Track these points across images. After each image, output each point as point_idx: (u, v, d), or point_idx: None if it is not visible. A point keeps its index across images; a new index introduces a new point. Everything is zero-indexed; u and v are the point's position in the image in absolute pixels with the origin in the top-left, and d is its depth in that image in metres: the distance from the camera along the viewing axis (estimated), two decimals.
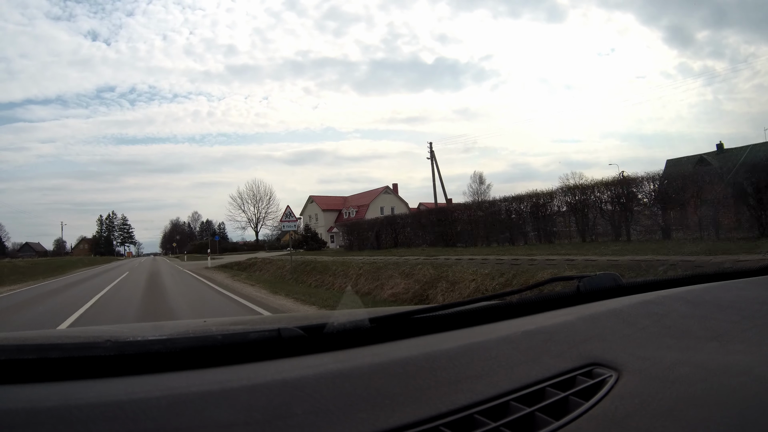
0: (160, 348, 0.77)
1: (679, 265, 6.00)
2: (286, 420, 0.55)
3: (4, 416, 0.54)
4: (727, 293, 1.13)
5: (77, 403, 0.57)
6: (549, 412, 0.62)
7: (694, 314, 0.97)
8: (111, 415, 0.55)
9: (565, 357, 0.76)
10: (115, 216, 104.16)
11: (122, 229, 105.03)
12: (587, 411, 0.62)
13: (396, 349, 0.81)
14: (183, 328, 1.17)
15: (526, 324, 0.93)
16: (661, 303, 1.04)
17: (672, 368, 0.70)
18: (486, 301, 1.04)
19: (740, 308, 0.99)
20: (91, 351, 0.76)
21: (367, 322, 0.84)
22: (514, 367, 0.73)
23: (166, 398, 0.59)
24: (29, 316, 8.76)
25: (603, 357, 0.75)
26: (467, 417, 0.59)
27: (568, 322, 0.93)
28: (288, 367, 0.70)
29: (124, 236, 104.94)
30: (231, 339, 0.86)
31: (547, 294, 1.10)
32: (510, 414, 0.61)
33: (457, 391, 0.64)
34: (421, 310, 0.93)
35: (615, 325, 0.91)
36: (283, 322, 0.95)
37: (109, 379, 0.66)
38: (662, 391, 0.64)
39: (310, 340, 0.79)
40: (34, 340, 0.97)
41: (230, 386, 0.62)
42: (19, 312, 9.57)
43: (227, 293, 11.33)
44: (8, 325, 7.85)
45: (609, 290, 1.12)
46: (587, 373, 0.71)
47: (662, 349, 0.78)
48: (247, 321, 1.36)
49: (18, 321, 8.19)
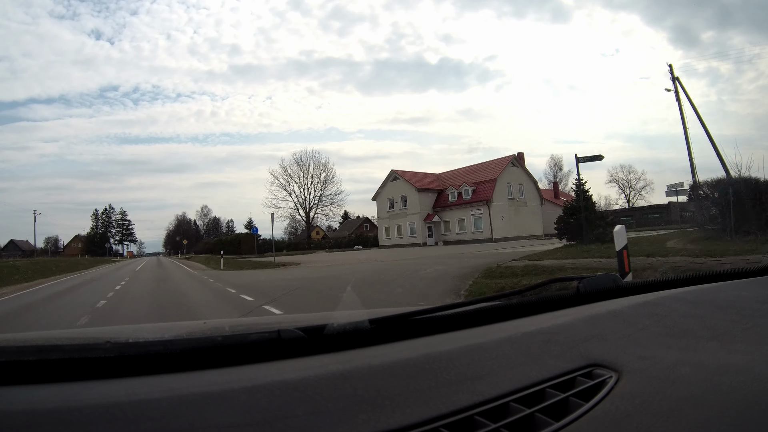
0: (160, 349, 0.77)
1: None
2: (286, 421, 0.55)
3: (5, 417, 0.54)
4: (726, 293, 1.13)
5: (77, 405, 0.57)
6: (549, 413, 0.62)
7: (694, 314, 0.97)
8: (111, 417, 0.55)
9: (565, 358, 0.76)
10: (112, 210, 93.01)
11: (121, 225, 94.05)
12: (587, 412, 0.62)
13: (396, 350, 0.81)
14: (183, 330, 1.17)
15: (526, 325, 0.93)
16: (661, 303, 1.05)
17: (672, 368, 0.70)
18: (486, 302, 1.04)
19: (740, 308, 0.99)
20: (91, 352, 0.76)
21: (367, 324, 0.84)
22: (514, 368, 0.73)
23: (166, 399, 0.59)
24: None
25: (603, 358, 0.75)
26: (467, 418, 0.59)
27: (568, 323, 0.93)
28: (288, 369, 0.70)
29: (123, 233, 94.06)
30: (231, 340, 0.86)
31: (547, 295, 1.10)
32: (510, 415, 0.61)
33: (458, 392, 0.64)
34: (421, 311, 0.93)
35: (615, 325, 0.91)
36: (283, 324, 0.95)
37: (109, 381, 0.66)
38: (662, 392, 0.64)
39: (310, 341, 0.79)
40: (34, 342, 0.97)
41: (230, 387, 0.62)
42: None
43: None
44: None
45: (609, 291, 1.12)
46: (587, 374, 0.71)
47: (662, 349, 0.78)
48: (248, 322, 1.36)
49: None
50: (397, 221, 43.83)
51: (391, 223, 44.74)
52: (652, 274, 6.87)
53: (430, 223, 41.65)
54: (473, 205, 38.74)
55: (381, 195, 46.49)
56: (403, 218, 43.38)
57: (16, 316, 8.99)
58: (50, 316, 8.60)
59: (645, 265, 7.59)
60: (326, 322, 0.83)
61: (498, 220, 37.19)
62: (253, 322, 1.46)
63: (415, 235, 41.53)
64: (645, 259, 8.30)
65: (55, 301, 11.41)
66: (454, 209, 40.60)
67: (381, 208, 46.45)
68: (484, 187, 39.03)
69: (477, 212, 38.49)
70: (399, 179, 43.99)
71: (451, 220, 40.67)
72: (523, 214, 39.35)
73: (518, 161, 41.19)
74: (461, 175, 43.02)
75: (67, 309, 9.49)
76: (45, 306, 10.44)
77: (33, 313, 9.26)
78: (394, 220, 44.21)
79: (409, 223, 42.71)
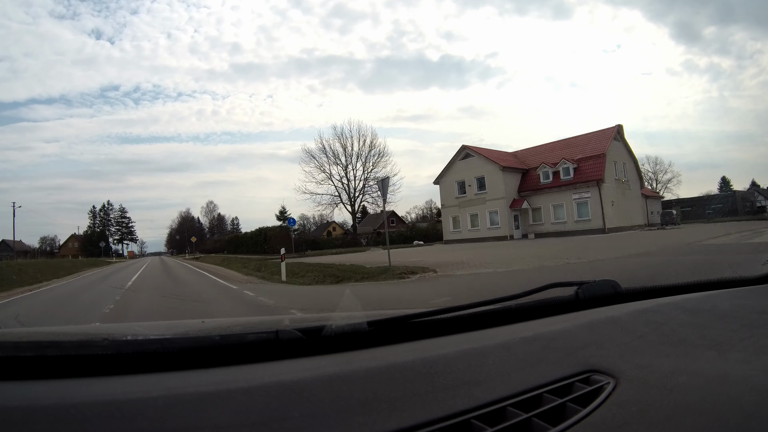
0: (158, 348, 0.77)
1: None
2: (282, 422, 0.55)
3: (2, 413, 0.54)
4: (725, 302, 1.13)
5: (74, 402, 0.57)
6: (546, 419, 0.62)
7: (692, 322, 0.97)
8: (107, 414, 0.55)
9: (562, 363, 0.76)
10: (111, 207, 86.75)
11: (120, 223, 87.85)
12: (584, 418, 0.62)
13: (394, 353, 0.81)
14: (181, 329, 1.17)
15: (524, 330, 0.93)
16: (659, 311, 1.04)
17: (670, 376, 0.70)
18: (484, 306, 1.04)
19: (739, 317, 0.98)
20: (88, 349, 0.76)
21: (365, 326, 0.84)
22: (511, 373, 0.73)
23: (162, 398, 0.59)
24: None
25: (601, 364, 0.75)
26: (464, 422, 0.59)
27: (566, 329, 0.93)
28: (285, 370, 0.70)
29: (123, 232, 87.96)
30: (228, 340, 0.86)
31: (546, 300, 1.10)
32: (507, 420, 0.61)
33: (454, 396, 0.64)
34: (420, 314, 0.93)
35: (613, 332, 0.91)
36: (281, 324, 0.95)
37: (105, 378, 0.66)
38: (660, 399, 0.64)
39: (307, 342, 0.79)
40: (32, 338, 0.97)
41: (227, 387, 0.62)
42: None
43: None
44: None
45: (607, 297, 1.12)
46: (585, 380, 0.71)
47: (660, 357, 0.78)
48: (246, 322, 1.36)
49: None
50: (470, 209, 33.92)
51: (461, 211, 34.62)
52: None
53: (515, 210, 32.34)
54: (577, 187, 29.77)
55: (447, 177, 35.85)
56: (479, 205, 33.36)
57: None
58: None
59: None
60: (324, 324, 0.83)
61: (608, 205, 28.90)
62: (251, 322, 1.45)
63: (498, 225, 32.18)
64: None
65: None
66: (547, 193, 31.39)
67: (447, 193, 35.81)
68: (589, 165, 29.59)
69: (582, 196, 29.52)
70: (473, 156, 33.94)
71: (542, 206, 31.59)
72: (629, 199, 31.62)
73: (620, 135, 32.27)
74: (550, 151, 33.34)
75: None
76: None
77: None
78: (466, 207, 34.20)
79: (489, 211, 32.85)
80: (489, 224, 32.82)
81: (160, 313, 7.97)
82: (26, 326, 5.98)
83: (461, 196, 34.73)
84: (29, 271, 21.19)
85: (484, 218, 33.12)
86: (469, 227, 34.13)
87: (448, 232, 35.94)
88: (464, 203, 34.48)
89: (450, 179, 35.54)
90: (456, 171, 35.14)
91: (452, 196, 35.41)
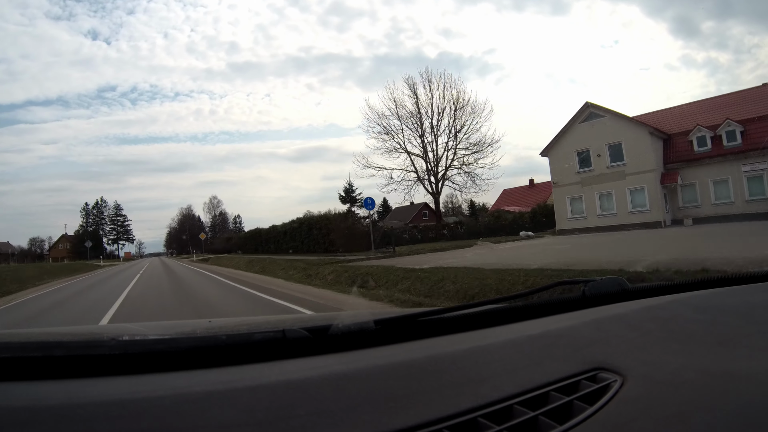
0: (164, 347, 0.77)
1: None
2: (289, 421, 0.55)
3: (8, 413, 0.54)
4: (732, 298, 1.12)
5: (80, 401, 0.58)
6: (553, 417, 0.62)
7: (699, 319, 0.96)
8: (114, 414, 0.55)
9: (569, 361, 0.75)
10: (105, 204, 79.82)
11: (115, 221, 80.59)
12: (591, 416, 0.61)
13: (400, 351, 0.81)
14: (188, 328, 1.18)
15: (530, 328, 0.93)
16: (666, 308, 1.04)
17: (677, 373, 0.70)
18: (491, 304, 1.04)
19: (746, 314, 0.98)
20: (95, 349, 0.76)
21: (372, 324, 0.84)
22: (518, 371, 0.72)
23: (169, 397, 0.59)
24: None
25: (607, 362, 0.75)
26: (471, 420, 0.59)
27: (573, 327, 0.92)
28: (292, 368, 0.70)
29: (119, 231, 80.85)
30: (235, 339, 0.87)
31: (553, 298, 1.10)
32: (514, 418, 0.61)
33: (461, 394, 0.64)
34: (427, 313, 0.93)
35: (620, 329, 0.91)
36: (287, 323, 0.95)
37: (112, 378, 0.67)
38: (667, 397, 0.64)
39: (314, 341, 0.79)
40: (39, 338, 0.98)
41: (234, 386, 0.62)
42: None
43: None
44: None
45: (614, 295, 1.11)
46: (592, 378, 0.71)
47: (667, 354, 0.78)
48: (252, 322, 1.37)
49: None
50: (599, 187, 24.64)
51: (584, 191, 25.19)
52: None
53: (664, 188, 23.32)
54: (748, 156, 21.31)
55: (560, 146, 25.94)
56: (615, 181, 23.94)
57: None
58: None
59: None
60: (331, 323, 0.83)
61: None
62: (258, 321, 1.46)
63: (645, 208, 23.14)
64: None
65: None
66: (706, 165, 22.62)
67: (560, 168, 25.89)
68: (765, 126, 20.84)
69: (757, 167, 21.19)
70: (602, 117, 24.38)
71: (698, 182, 22.79)
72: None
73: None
74: (701, 111, 24.04)
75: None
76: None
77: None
78: (593, 185, 24.81)
79: (629, 189, 23.60)
80: (630, 207, 23.67)
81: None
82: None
83: (584, 170, 25.10)
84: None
85: (623, 199, 23.85)
86: (598, 211, 24.81)
87: (563, 219, 26.21)
88: (589, 179, 24.98)
89: (566, 149, 25.57)
90: (575, 137, 25.18)
91: (571, 171, 25.54)
